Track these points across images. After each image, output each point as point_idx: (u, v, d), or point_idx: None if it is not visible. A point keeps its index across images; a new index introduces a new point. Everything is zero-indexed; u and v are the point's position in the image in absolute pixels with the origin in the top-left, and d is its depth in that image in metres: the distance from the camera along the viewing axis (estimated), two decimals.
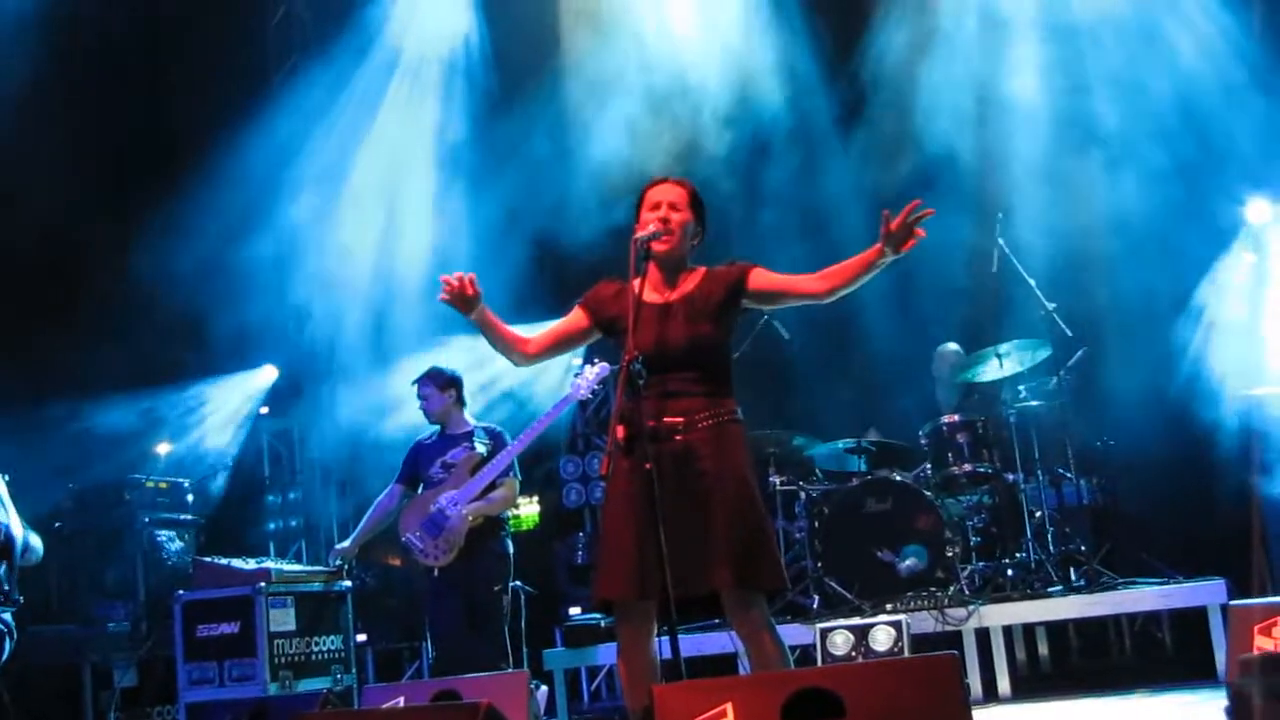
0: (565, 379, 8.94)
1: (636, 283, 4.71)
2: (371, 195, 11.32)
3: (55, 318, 9.90)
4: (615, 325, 4.90)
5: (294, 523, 11.77)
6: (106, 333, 10.00)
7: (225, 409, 11.49)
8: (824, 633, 7.60)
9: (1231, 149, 9.01)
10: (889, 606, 7.95)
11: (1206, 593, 7.43)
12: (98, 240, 10.22)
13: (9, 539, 6.28)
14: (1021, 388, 8.89)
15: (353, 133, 11.37)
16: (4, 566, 6.26)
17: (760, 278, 4.88)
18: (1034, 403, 8.76)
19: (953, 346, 9.48)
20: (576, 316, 5.05)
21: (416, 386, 7.80)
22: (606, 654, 8.59)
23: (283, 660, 7.60)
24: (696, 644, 7.82)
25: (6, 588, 6.28)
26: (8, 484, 6.45)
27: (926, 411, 9.11)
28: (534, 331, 5.13)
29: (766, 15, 10.64)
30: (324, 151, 11.22)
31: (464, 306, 4.91)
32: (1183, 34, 9.42)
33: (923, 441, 8.84)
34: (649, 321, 4.76)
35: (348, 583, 8.30)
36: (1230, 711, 3.87)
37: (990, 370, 8.81)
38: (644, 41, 10.73)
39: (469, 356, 9.25)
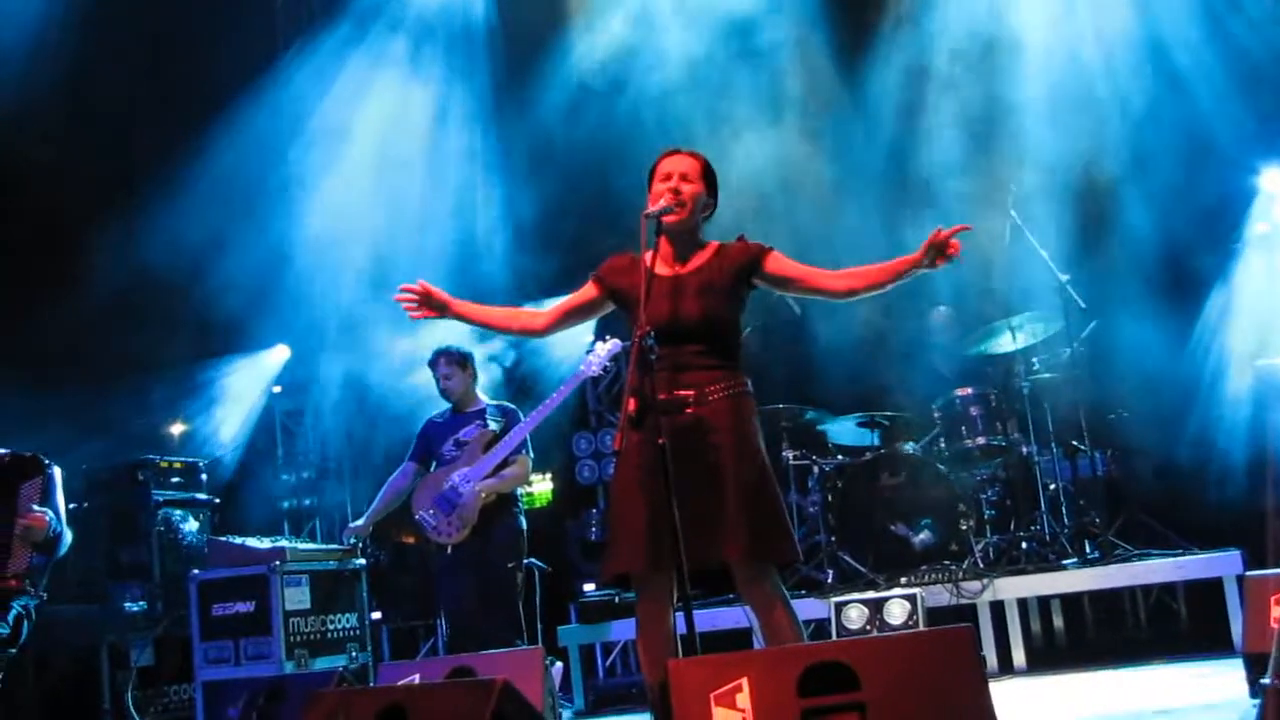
0: (577, 355, 8.93)
1: (649, 256, 4.70)
2: (382, 170, 11.29)
3: (66, 298, 9.90)
4: (626, 297, 4.92)
5: (308, 502, 11.80)
6: (117, 313, 10.01)
7: (238, 389, 11.50)
8: (838, 607, 7.61)
9: (1248, 118, 8.96)
10: (903, 580, 7.96)
11: (1222, 564, 7.42)
12: (105, 218, 10.21)
13: (58, 538, 6.31)
14: (1035, 360, 8.86)
15: (360, 107, 11.34)
16: (45, 562, 6.30)
17: (777, 263, 4.89)
18: (1047, 375, 8.74)
19: (943, 308, 9.48)
20: (588, 288, 5.08)
21: (435, 367, 7.76)
22: (621, 630, 8.61)
23: (298, 638, 7.62)
24: (711, 619, 7.83)
25: (42, 582, 6.32)
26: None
27: (939, 385, 9.09)
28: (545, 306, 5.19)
29: None
30: (333, 127, 11.19)
31: (436, 312, 5.08)
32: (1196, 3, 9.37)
33: (936, 415, 8.83)
34: (661, 295, 4.76)
35: (362, 561, 8.32)
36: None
37: (1003, 343, 8.78)
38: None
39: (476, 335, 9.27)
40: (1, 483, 6.20)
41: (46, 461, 6.34)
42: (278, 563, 7.63)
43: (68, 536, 6.47)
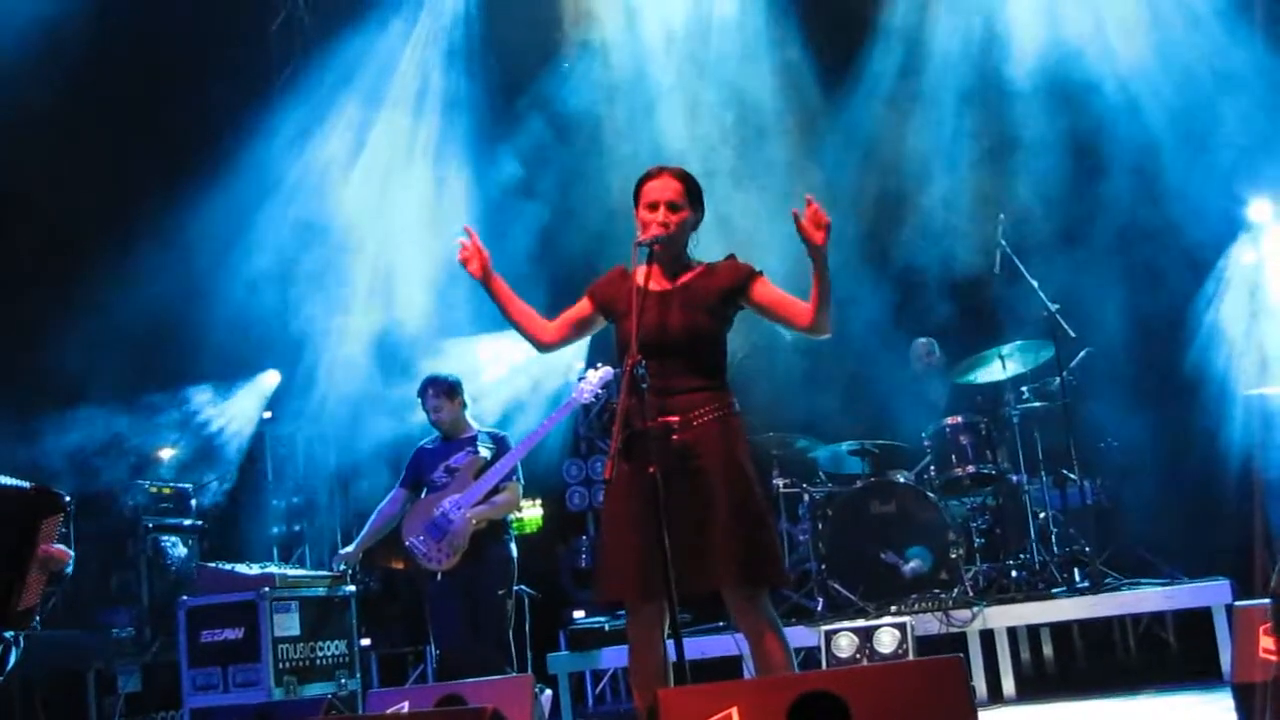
0: (569, 382, 8.95)
1: (640, 276, 4.74)
2: (375, 197, 11.31)
3: (57, 324, 9.89)
4: (614, 309, 4.98)
5: (297, 527, 11.76)
6: (109, 337, 10.00)
7: (228, 414, 11.48)
8: (828, 635, 7.59)
9: (1234, 148, 9.01)
10: (893, 608, 7.95)
11: (1211, 593, 7.43)
12: (100, 243, 10.21)
13: (66, 576, 6.27)
14: (1024, 389, 8.89)
15: (354, 133, 11.37)
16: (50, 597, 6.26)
17: (763, 291, 4.89)
18: (1037, 404, 8.77)
19: (923, 340, 9.53)
20: (583, 304, 5.12)
21: (424, 397, 7.76)
22: (610, 657, 8.59)
23: (287, 665, 7.60)
24: (701, 647, 7.82)
25: (41, 616, 6.27)
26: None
27: (929, 413, 9.11)
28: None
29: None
30: (326, 152, 11.21)
31: (477, 268, 5.10)
32: (1186, 30, 9.42)
33: (925, 443, 8.84)
34: (649, 308, 4.78)
35: (351, 587, 8.30)
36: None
37: (993, 371, 8.81)
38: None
39: (465, 361, 9.31)
40: (25, 517, 6.13)
41: (67, 499, 6.31)
42: (267, 589, 7.61)
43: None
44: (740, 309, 4.96)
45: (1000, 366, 8.72)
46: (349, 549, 7.96)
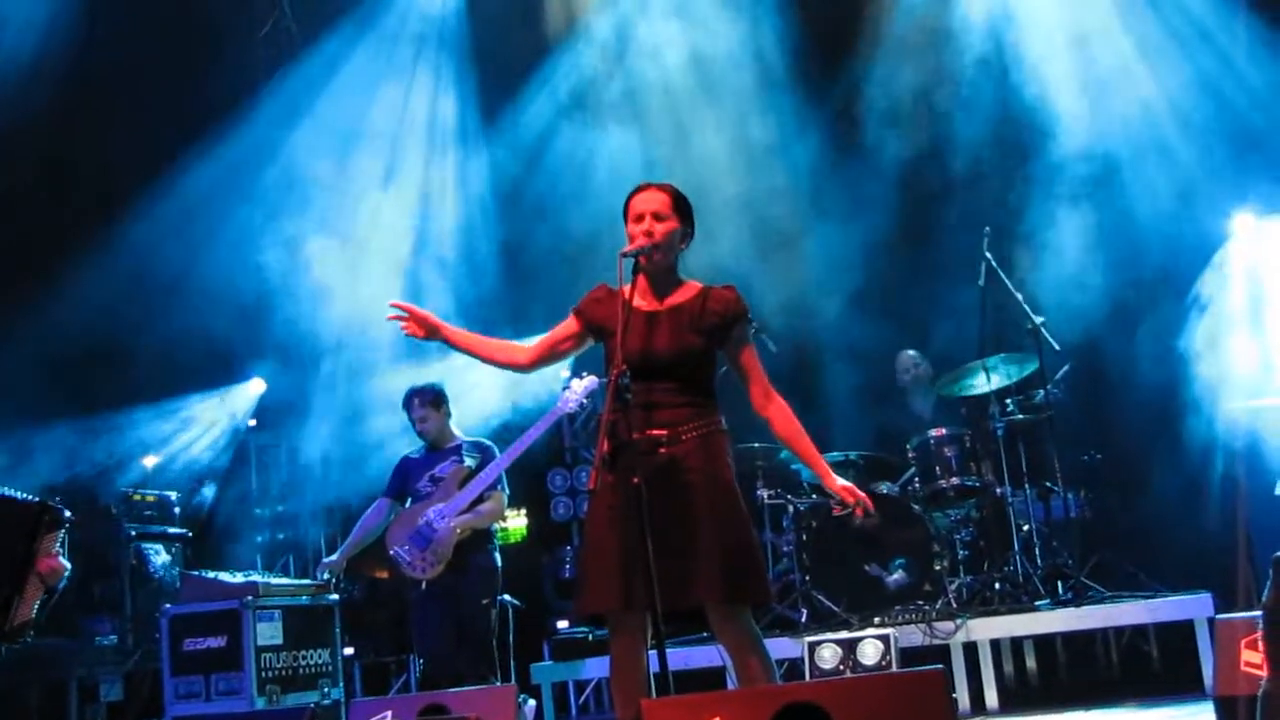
0: (553, 391, 8.94)
1: (626, 290, 4.74)
2: (359, 204, 11.30)
3: (40, 329, 9.86)
4: (602, 328, 4.94)
5: (281, 536, 11.73)
6: (93, 343, 9.97)
7: (213, 422, 11.46)
8: (812, 646, 7.60)
9: (1218, 163, 9.04)
10: (877, 620, 7.97)
11: (1193, 606, 7.46)
12: (81, 247, 10.19)
13: (59, 589, 6.24)
14: (1009, 401, 8.91)
15: (339, 139, 11.36)
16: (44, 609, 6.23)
17: (745, 354, 4.93)
18: (1021, 416, 8.78)
19: (909, 353, 9.55)
20: (569, 323, 5.09)
21: (409, 408, 7.75)
22: (594, 667, 8.59)
23: (270, 674, 7.58)
24: (685, 658, 7.83)
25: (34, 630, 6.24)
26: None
27: (914, 425, 9.13)
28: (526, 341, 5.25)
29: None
30: (311, 159, 11.21)
31: (425, 332, 5.15)
32: (1172, 47, 9.47)
33: (910, 455, 8.85)
34: (636, 329, 4.77)
35: (335, 596, 8.29)
36: None
37: (978, 384, 8.83)
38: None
39: (449, 370, 9.31)
40: (26, 531, 6.09)
41: (67, 514, 6.29)
42: (250, 597, 7.59)
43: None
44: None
45: (985, 379, 8.73)
46: (333, 558, 7.96)
